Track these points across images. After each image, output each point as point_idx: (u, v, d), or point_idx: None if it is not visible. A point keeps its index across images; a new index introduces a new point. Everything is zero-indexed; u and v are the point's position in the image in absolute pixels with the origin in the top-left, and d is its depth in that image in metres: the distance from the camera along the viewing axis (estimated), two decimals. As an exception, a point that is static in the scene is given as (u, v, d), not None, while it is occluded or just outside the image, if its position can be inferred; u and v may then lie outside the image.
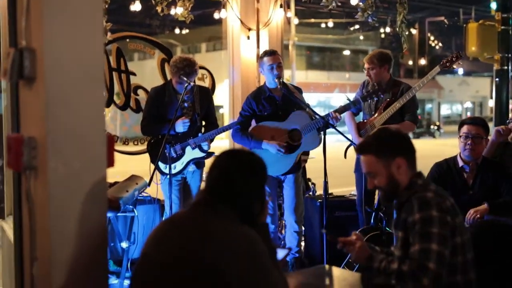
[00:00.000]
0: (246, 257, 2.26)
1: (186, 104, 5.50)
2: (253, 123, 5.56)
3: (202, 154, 5.53)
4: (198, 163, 5.60)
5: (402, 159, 2.78)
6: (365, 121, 5.68)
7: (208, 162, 5.53)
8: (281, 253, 2.84)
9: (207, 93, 5.80)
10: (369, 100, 5.64)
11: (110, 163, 2.42)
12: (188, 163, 5.53)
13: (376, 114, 5.54)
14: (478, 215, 4.29)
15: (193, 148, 5.48)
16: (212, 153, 5.48)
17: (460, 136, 4.56)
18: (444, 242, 2.58)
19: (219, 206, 2.39)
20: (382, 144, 2.83)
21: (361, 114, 5.89)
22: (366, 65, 5.65)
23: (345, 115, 5.89)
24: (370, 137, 2.93)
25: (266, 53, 5.42)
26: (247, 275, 2.24)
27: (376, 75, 5.56)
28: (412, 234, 2.63)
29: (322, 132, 4.99)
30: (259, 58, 5.52)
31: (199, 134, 5.55)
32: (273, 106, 5.41)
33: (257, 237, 2.35)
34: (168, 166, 5.25)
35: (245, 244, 2.30)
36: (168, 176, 5.30)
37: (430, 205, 2.64)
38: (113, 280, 5.25)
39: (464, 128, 4.52)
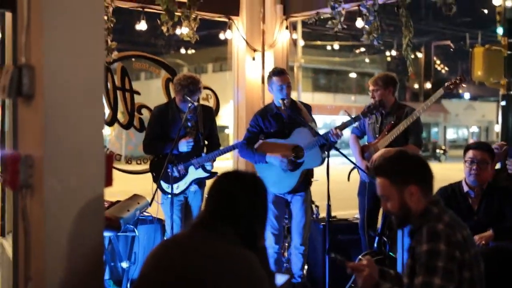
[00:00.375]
0: (246, 281, 2.22)
1: (189, 124, 5.47)
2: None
3: (206, 174, 5.50)
4: (200, 183, 5.57)
5: (415, 187, 2.72)
6: (369, 143, 5.64)
7: (210, 182, 5.49)
8: (281, 279, 2.79)
9: (210, 112, 5.78)
10: (373, 122, 5.61)
11: (109, 182, 2.39)
12: (191, 183, 5.50)
13: (380, 137, 5.51)
14: (483, 242, 4.23)
15: (196, 168, 5.45)
16: (216, 173, 5.45)
17: (465, 161, 4.50)
18: (449, 277, 2.51)
19: (220, 227, 2.35)
20: (397, 169, 2.77)
21: (365, 138, 5.86)
22: (370, 87, 5.62)
23: (350, 138, 5.86)
24: (387, 160, 2.86)
25: (275, 73, 5.40)
26: None
27: (380, 97, 5.52)
28: (418, 265, 2.57)
29: (325, 152, 4.96)
30: (268, 76, 5.49)
31: (202, 154, 5.51)
32: (280, 123, 5.40)
33: (258, 262, 2.32)
34: (170, 185, 5.21)
35: (246, 268, 2.26)
36: (169, 196, 5.25)
37: (439, 237, 2.57)
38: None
39: (470, 153, 4.47)
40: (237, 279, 2.20)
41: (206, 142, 5.68)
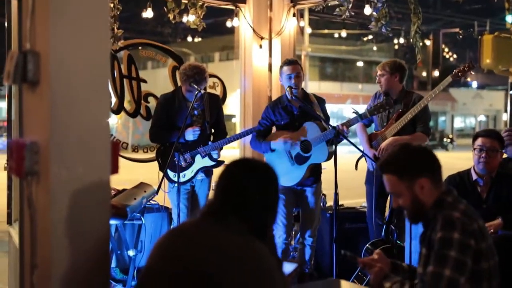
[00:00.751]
0: (255, 272, 2.19)
1: (196, 112, 5.45)
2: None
3: (212, 163, 5.49)
4: (207, 171, 5.55)
5: (425, 179, 2.67)
6: (377, 132, 5.61)
7: (217, 171, 5.48)
8: (289, 267, 2.76)
9: (217, 100, 5.76)
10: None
11: (114, 169, 2.37)
12: (197, 172, 5.49)
13: (388, 125, 5.47)
14: (491, 230, 4.20)
15: (203, 157, 5.44)
16: (222, 161, 5.43)
17: (474, 149, 4.46)
18: (460, 268, 2.46)
19: (229, 217, 2.31)
20: (403, 164, 2.71)
21: (373, 125, 5.82)
22: (378, 72, 5.59)
23: (357, 126, 5.82)
24: (391, 156, 2.80)
25: (285, 63, 5.36)
26: None
27: (386, 82, 5.48)
28: (432, 253, 2.54)
29: (333, 144, 4.93)
30: (280, 67, 5.46)
31: (209, 142, 5.50)
32: (290, 116, 5.37)
33: (267, 252, 2.28)
34: (177, 174, 5.20)
35: (255, 259, 2.23)
36: (176, 184, 5.24)
37: (454, 226, 2.52)
38: (119, 289, 5.21)
39: (479, 141, 4.43)
40: (245, 270, 2.17)
41: (213, 131, 5.65)
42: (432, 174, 2.71)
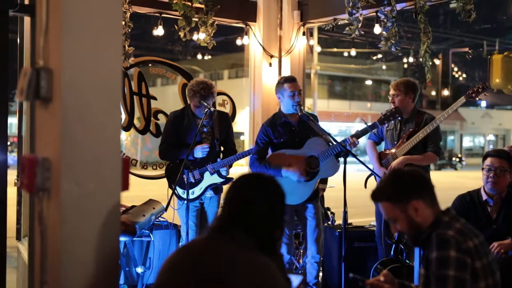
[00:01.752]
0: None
1: (205, 129, 5.47)
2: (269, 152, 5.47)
3: (221, 180, 5.49)
4: (216, 188, 5.55)
5: (417, 201, 2.67)
6: (387, 151, 5.59)
7: (226, 188, 5.48)
8: (296, 280, 2.75)
9: (227, 118, 5.76)
10: (392, 128, 5.56)
11: (125, 186, 2.38)
12: (206, 189, 5.49)
13: (399, 144, 5.46)
14: (502, 250, 4.17)
15: (211, 174, 5.44)
16: (231, 178, 5.43)
17: (483, 169, 4.45)
18: (461, 286, 2.46)
19: (237, 233, 2.32)
20: (394, 189, 2.72)
21: (382, 144, 5.81)
22: (391, 91, 5.56)
23: (367, 144, 5.81)
24: (382, 183, 2.83)
25: (287, 80, 5.32)
26: None
27: (400, 102, 5.47)
28: (431, 274, 2.53)
29: (342, 159, 4.89)
30: (278, 84, 5.41)
31: (218, 160, 5.50)
32: (289, 132, 5.31)
33: (277, 270, 2.28)
34: (186, 191, 5.20)
35: (263, 274, 2.23)
36: (185, 201, 5.25)
37: (449, 244, 2.52)
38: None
39: (488, 161, 4.42)
40: (254, 285, 2.17)
41: (222, 148, 5.66)
42: (424, 195, 2.70)
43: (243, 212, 2.36)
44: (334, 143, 5.08)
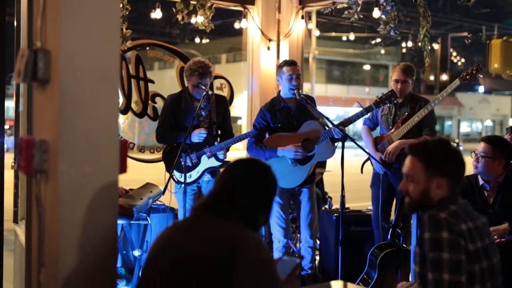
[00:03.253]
0: (255, 263, 2.22)
1: (203, 113, 5.45)
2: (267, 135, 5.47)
3: (218, 163, 5.48)
4: (213, 172, 5.54)
5: (445, 181, 2.65)
6: (383, 135, 5.59)
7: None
8: (292, 262, 2.72)
9: (224, 101, 5.75)
10: (387, 113, 5.56)
11: (123, 169, 2.38)
12: (203, 172, 5.48)
13: (394, 129, 5.46)
14: (496, 236, 4.18)
15: (209, 157, 5.43)
16: (228, 162, 5.42)
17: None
18: (457, 268, 2.45)
19: (223, 211, 2.36)
20: (436, 157, 2.68)
21: (377, 129, 5.81)
22: (402, 77, 5.47)
23: (362, 130, 5.81)
24: (429, 143, 2.77)
25: (286, 63, 5.31)
26: (256, 281, 2.19)
27: (408, 87, 5.46)
28: (426, 254, 2.53)
29: (339, 144, 4.87)
30: (278, 67, 5.42)
31: (215, 143, 5.49)
32: (288, 116, 5.31)
33: (260, 239, 2.33)
34: (183, 175, 5.19)
35: (255, 249, 2.27)
36: (183, 185, 5.24)
37: (441, 225, 2.50)
38: (123, 287, 5.20)
39: (478, 145, 4.47)
40: (245, 260, 2.20)
41: (219, 132, 5.65)
42: (454, 180, 2.68)
43: (232, 192, 2.40)
44: (330, 126, 5.07)
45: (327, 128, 5.17)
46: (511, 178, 4.50)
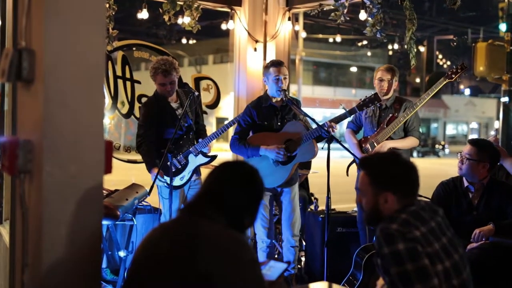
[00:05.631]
0: (238, 263, 2.23)
1: (187, 121, 5.39)
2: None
3: (206, 159, 5.43)
4: (196, 170, 5.49)
5: (392, 196, 2.64)
6: (368, 137, 5.61)
7: (205, 171, 5.45)
8: (278, 267, 2.74)
9: (196, 96, 5.66)
10: (371, 115, 5.59)
11: (108, 169, 2.36)
12: (194, 171, 5.45)
13: (379, 130, 5.49)
14: (481, 236, 4.21)
15: (196, 156, 5.40)
16: (215, 155, 5.42)
17: None
18: (425, 275, 2.43)
19: (209, 212, 2.36)
20: (381, 171, 2.69)
21: (361, 132, 5.84)
22: (386, 76, 5.52)
23: (345, 133, 5.84)
24: (375, 158, 2.81)
25: (273, 64, 5.30)
26: (238, 281, 2.19)
27: (393, 87, 5.52)
28: (390, 270, 2.47)
29: (325, 145, 4.89)
30: (265, 67, 5.42)
31: (199, 140, 5.44)
32: (273, 116, 5.31)
33: (249, 244, 2.35)
34: (170, 178, 5.14)
35: (237, 248, 2.28)
36: (168, 186, 5.21)
37: (394, 238, 2.47)
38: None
39: (464, 147, 4.52)
40: (227, 260, 2.21)
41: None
42: (401, 194, 2.65)
43: (218, 194, 2.41)
44: (313, 128, 5.09)
45: (309, 130, 5.18)
46: (496, 181, 4.55)
